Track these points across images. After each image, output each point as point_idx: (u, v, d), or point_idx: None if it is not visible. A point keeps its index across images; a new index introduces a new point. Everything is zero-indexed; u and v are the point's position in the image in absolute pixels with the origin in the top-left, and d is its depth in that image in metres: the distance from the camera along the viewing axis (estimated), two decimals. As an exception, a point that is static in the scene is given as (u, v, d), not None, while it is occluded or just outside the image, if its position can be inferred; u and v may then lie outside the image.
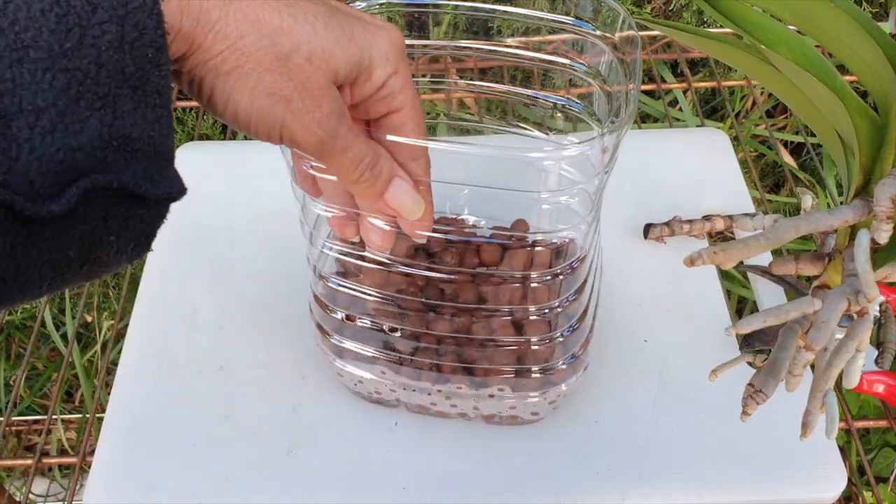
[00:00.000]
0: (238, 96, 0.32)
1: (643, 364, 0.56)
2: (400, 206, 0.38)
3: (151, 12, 0.27)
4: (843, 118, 0.32)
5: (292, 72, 0.32)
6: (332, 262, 0.49)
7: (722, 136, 0.72)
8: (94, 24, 0.26)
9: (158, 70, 0.28)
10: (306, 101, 0.33)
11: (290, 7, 0.32)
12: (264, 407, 0.54)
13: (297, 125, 0.33)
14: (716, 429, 0.53)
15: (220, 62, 0.31)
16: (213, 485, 0.51)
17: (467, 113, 0.63)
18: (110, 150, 0.27)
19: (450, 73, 0.56)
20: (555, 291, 0.46)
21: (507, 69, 0.65)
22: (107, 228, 0.28)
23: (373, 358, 0.49)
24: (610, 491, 0.50)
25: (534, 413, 0.51)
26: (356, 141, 0.35)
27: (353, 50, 0.33)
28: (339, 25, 0.33)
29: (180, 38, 0.30)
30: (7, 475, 1.05)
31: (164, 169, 0.29)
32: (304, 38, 0.32)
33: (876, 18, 0.91)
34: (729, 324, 0.58)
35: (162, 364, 0.57)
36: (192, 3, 0.29)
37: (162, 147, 0.29)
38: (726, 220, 0.64)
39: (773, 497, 0.50)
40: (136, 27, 0.27)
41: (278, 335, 0.58)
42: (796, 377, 0.33)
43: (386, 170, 0.37)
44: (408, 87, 0.36)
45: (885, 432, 0.93)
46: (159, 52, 0.28)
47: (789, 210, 1.04)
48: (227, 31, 0.31)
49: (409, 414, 0.53)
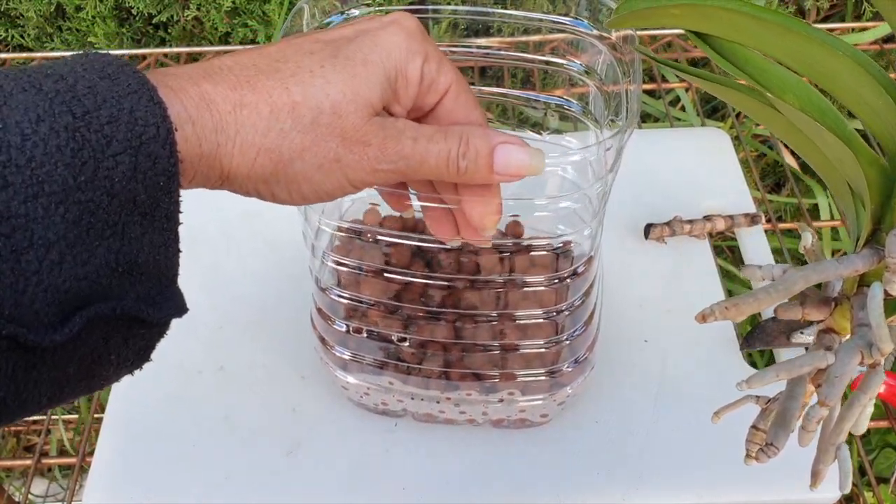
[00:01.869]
0: (295, 186, 0.32)
1: (643, 364, 0.56)
2: (519, 167, 0.34)
3: (165, 142, 0.27)
4: (852, 167, 0.32)
5: (327, 133, 0.31)
6: (335, 274, 0.48)
7: (723, 136, 0.72)
8: (109, 156, 0.26)
9: (169, 196, 0.28)
10: (355, 150, 0.32)
11: (294, 74, 0.31)
12: (264, 407, 0.54)
13: (360, 175, 0.32)
14: (716, 429, 0.53)
15: (259, 169, 0.31)
16: (213, 485, 0.51)
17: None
18: (115, 275, 0.27)
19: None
20: (563, 295, 0.46)
21: (508, 69, 0.65)
22: (107, 349, 0.28)
23: (379, 368, 0.48)
24: (610, 491, 0.50)
25: (543, 415, 0.51)
26: (430, 143, 0.33)
27: (374, 71, 0.32)
28: (347, 58, 0.32)
29: (204, 162, 0.30)
30: (6, 475, 1.05)
31: (167, 289, 0.30)
32: (321, 96, 0.31)
33: (876, 18, 0.91)
34: (729, 324, 0.58)
35: (162, 364, 0.57)
36: (205, 126, 0.29)
37: (166, 268, 0.29)
38: (727, 219, 0.64)
39: (773, 497, 0.50)
40: (150, 157, 0.27)
41: (278, 335, 0.58)
42: (809, 433, 0.33)
43: (482, 145, 0.34)
44: (443, 64, 0.34)
45: (886, 433, 0.93)
46: (171, 180, 0.28)
47: (790, 210, 1.04)
48: (249, 138, 0.30)
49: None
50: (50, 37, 0.92)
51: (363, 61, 0.32)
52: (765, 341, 0.56)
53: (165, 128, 0.27)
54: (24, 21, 0.92)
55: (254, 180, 0.31)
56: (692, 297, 0.60)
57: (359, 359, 0.49)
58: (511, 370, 0.47)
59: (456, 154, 0.33)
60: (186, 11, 0.89)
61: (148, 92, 0.27)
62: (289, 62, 0.31)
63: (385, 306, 0.46)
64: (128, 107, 0.27)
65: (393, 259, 0.46)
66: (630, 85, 0.41)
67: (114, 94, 0.27)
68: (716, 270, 0.62)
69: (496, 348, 0.47)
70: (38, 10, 0.89)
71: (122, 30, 0.91)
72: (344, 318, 0.48)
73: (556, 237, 0.46)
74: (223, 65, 0.31)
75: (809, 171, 1.02)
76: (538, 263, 0.46)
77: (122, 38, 0.91)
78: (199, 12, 0.90)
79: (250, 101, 0.30)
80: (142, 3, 0.88)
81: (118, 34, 0.91)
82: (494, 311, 0.46)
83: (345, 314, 0.48)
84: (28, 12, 0.89)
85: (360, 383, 0.50)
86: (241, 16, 0.89)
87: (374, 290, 0.46)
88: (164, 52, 0.89)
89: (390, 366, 0.48)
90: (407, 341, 0.47)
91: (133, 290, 0.28)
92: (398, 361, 0.48)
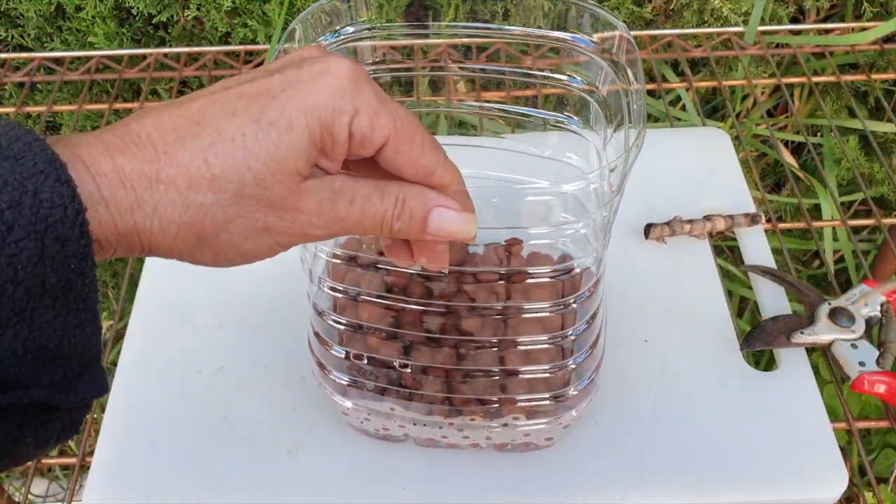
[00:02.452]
0: (220, 253, 0.31)
1: (643, 364, 0.56)
2: (451, 232, 0.34)
3: (73, 223, 0.26)
4: None
5: (252, 205, 0.30)
6: (332, 299, 0.47)
7: (723, 136, 0.72)
8: (11, 243, 0.25)
9: (83, 278, 0.27)
10: (285, 217, 0.31)
11: (213, 143, 0.29)
12: (264, 407, 0.54)
13: (292, 239, 0.31)
14: (716, 429, 0.53)
15: (182, 244, 0.30)
16: (213, 485, 0.51)
17: (471, 128, 0.63)
18: (24, 363, 0.26)
19: (451, 87, 0.56)
20: (569, 319, 0.45)
21: (509, 84, 0.64)
22: (21, 433, 0.27)
23: (380, 394, 0.47)
24: (610, 491, 0.50)
25: (548, 438, 0.50)
26: (367, 204, 0.32)
27: (298, 136, 0.30)
28: (270, 123, 0.30)
29: (123, 240, 0.29)
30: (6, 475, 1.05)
31: (87, 369, 0.28)
32: (243, 169, 0.29)
33: (876, 18, 0.91)
34: (730, 324, 0.58)
35: (161, 364, 0.57)
36: (120, 205, 0.28)
37: (84, 349, 0.28)
38: (727, 219, 0.64)
39: (774, 497, 0.50)
40: (58, 240, 0.26)
41: (278, 335, 0.58)
42: None
43: (417, 207, 0.33)
44: (378, 117, 0.31)
45: (887, 433, 0.93)
46: (83, 261, 0.26)
47: (790, 210, 1.04)
48: (168, 215, 0.29)
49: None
50: (50, 37, 0.92)
51: (287, 126, 0.30)
52: (765, 341, 0.56)
53: (74, 208, 0.26)
54: (24, 21, 0.92)
55: (177, 252, 0.30)
56: (692, 297, 0.60)
57: (359, 384, 0.47)
58: (515, 395, 0.46)
59: (391, 215, 0.33)
60: (186, 11, 0.89)
61: (55, 171, 0.26)
62: (209, 127, 0.29)
63: (384, 331, 0.45)
64: (31, 188, 0.25)
65: (392, 284, 0.45)
66: (634, 102, 0.41)
67: (17, 176, 0.25)
68: (716, 270, 0.62)
69: (499, 374, 0.46)
70: (38, 10, 0.89)
71: (122, 30, 0.91)
72: (342, 344, 0.47)
73: (559, 262, 0.45)
74: (142, 131, 0.29)
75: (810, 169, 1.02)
76: (541, 288, 0.45)
77: (122, 38, 0.91)
78: (199, 12, 0.90)
79: (167, 176, 0.29)
80: (142, 3, 0.88)
81: (118, 34, 0.91)
82: (495, 338, 0.45)
83: (343, 340, 0.47)
84: (28, 12, 0.89)
85: (359, 409, 0.49)
86: (241, 16, 0.89)
87: (372, 314, 0.45)
88: (164, 52, 0.89)
89: (391, 391, 0.47)
90: (409, 367, 0.45)
91: (46, 376, 0.27)
92: (399, 387, 0.46)
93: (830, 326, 0.56)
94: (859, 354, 0.55)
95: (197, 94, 0.31)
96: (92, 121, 0.97)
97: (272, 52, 0.86)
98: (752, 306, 0.97)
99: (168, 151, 0.29)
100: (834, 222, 0.75)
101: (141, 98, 0.86)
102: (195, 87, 0.96)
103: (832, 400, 0.61)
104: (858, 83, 0.96)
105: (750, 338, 0.57)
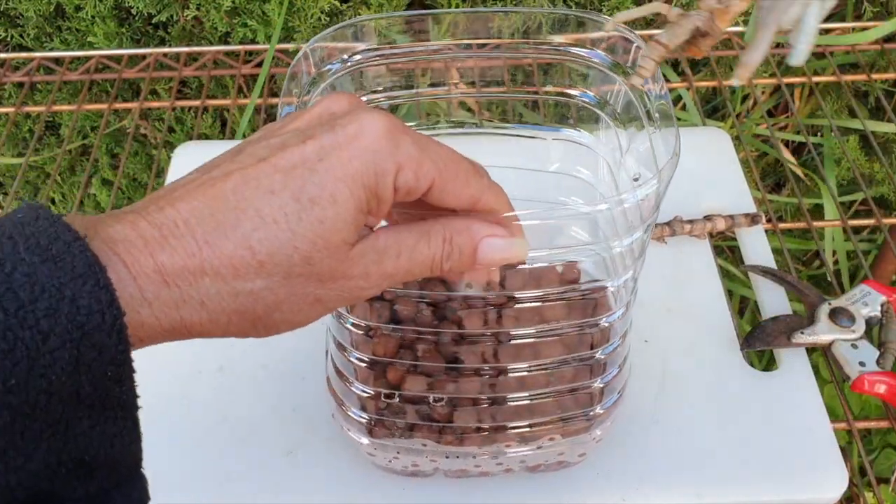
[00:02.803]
0: (277, 326, 0.31)
1: (643, 364, 0.56)
2: (500, 262, 0.34)
3: (111, 329, 0.25)
4: None
5: (303, 282, 0.29)
6: (350, 334, 0.45)
7: (723, 136, 0.72)
8: (45, 353, 0.24)
9: (120, 385, 0.26)
10: (336, 287, 0.30)
11: (256, 228, 0.28)
12: (264, 407, 0.54)
13: (344, 303, 0.31)
14: (715, 429, 0.53)
15: (236, 328, 0.29)
16: (213, 485, 0.51)
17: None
18: (59, 475, 0.25)
19: (455, 107, 0.56)
20: (604, 336, 0.45)
21: (515, 102, 0.64)
22: None
23: (409, 430, 0.46)
24: (610, 491, 0.50)
25: (580, 455, 0.49)
26: (414, 253, 0.32)
27: (344, 210, 0.29)
28: (311, 200, 0.29)
29: (168, 334, 0.28)
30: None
31: (127, 479, 0.27)
32: (289, 251, 0.28)
33: (876, 18, 0.91)
34: (730, 324, 0.58)
35: (161, 364, 0.57)
36: (164, 304, 0.27)
37: (123, 459, 0.27)
38: (727, 219, 0.64)
39: (774, 497, 0.50)
40: (94, 347, 0.25)
41: (278, 335, 0.58)
42: None
43: (465, 243, 0.33)
44: (423, 165, 0.30)
45: (887, 433, 0.93)
46: (121, 368, 0.26)
47: (790, 210, 1.04)
48: (216, 306, 0.28)
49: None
50: (49, 36, 0.92)
51: (331, 201, 0.29)
52: (765, 341, 0.56)
53: (112, 314, 0.25)
54: (23, 21, 0.92)
55: (231, 335, 0.30)
56: (692, 297, 0.60)
57: (388, 424, 0.46)
58: (550, 416, 0.45)
59: (440, 258, 0.32)
60: (186, 11, 0.89)
61: (94, 275, 0.25)
62: (248, 210, 0.28)
63: (418, 366, 0.44)
64: (69, 294, 0.24)
65: (403, 314, 0.44)
66: (657, 127, 0.40)
67: (55, 282, 0.24)
68: (716, 270, 0.62)
69: (531, 398, 0.45)
70: (37, 9, 0.89)
71: (122, 30, 0.91)
72: (366, 382, 0.45)
73: (591, 281, 0.44)
74: (178, 218, 0.28)
75: (810, 169, 1.02)
76: (585, 310, 0.44)
77: (122, 37, 0.91)
78: (199, 12, 0.90)
79: (212, 268, 0.28)
80: (141, 2, 0.87)
81: (118, 34, 0.91)
82: (528, 363, 0.44)
83: (366, 377, 0.45)
84: (28, 12, 0.89)
85: (388, 448, 0.47)
86: (241, 16, 0.89)
87: (387, 348, 0.44)
88: (163, 52, 0.89)
89: (422, 427, 0.45)
90: (442, 400, 0.44)
91: (82, 488, 0.26)
92: (431, 422, 0.45)
93: (831, 326, 0.56)
94: (859, 354, 0.55)
95: (226, 167, 0.30)
96: (91, 121, 0.97)
97: (271, 53, 0.86)
98: (752, 306, 0.97)
99: (209, 241, 0.28)
100: (835, 222, 0.75)
101: (140, 98, 0.86)
102: (195, 86, 0.96)
103: (832, 400, 0.61)
104: (859, 83, 0.96)
105: (750, 338, 0.57)
